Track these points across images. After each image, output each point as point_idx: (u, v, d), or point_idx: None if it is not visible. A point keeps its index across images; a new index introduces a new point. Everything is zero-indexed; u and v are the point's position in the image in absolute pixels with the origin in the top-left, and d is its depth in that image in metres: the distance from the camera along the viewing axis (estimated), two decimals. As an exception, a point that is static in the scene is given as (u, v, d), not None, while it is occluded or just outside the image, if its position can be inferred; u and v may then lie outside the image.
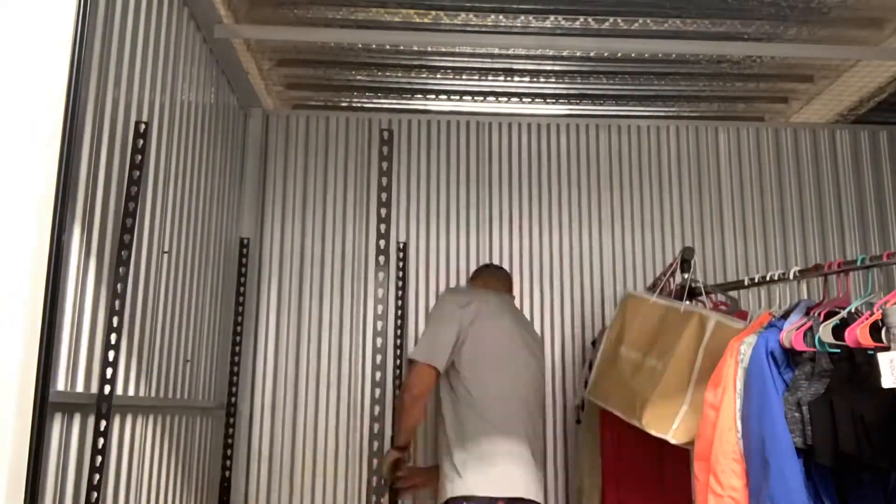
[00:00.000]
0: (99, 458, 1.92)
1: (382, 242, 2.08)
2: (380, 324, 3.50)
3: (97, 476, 1.92)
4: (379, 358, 3.43)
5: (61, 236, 1.51)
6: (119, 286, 2.03)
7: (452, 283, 3.60)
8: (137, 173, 2.11)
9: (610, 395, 2.77)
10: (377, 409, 3.45)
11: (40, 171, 1.48)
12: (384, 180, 2.12)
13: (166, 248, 2.47)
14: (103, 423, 1.94)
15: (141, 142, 2.11)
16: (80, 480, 1.89)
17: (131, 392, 2.22)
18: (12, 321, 1.42)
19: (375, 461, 3.37)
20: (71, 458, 1.84)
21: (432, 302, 3.55)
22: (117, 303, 2.02)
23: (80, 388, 1.88)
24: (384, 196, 2.13)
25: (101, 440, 1.93)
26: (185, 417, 2.74)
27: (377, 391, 3.46)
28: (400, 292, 3.50)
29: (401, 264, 3.48)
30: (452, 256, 3.62)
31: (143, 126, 2.11)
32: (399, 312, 3.48)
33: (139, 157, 2.12)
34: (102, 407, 1.96)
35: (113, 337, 2.00)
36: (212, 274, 3.04)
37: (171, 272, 2.54)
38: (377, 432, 3.43)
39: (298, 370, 3.47)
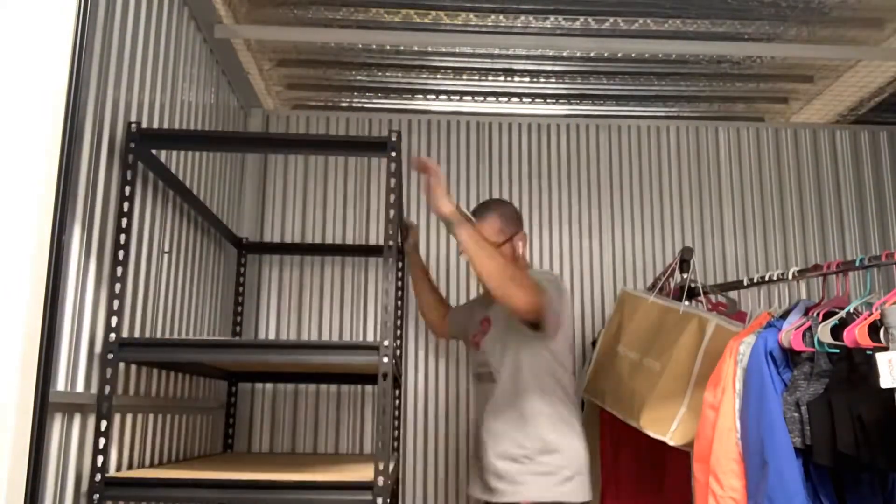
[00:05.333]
0: (101, 459, 1.93)
1: (391, 243, 2.08)
2: (380, 325, 3.50)
3: (98, 476, 1.92)
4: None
5: (61, 236, 1.51)
6: (119, 286, 2.03)
7: (452, 284, 3.60)
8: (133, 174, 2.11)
9: (607, 394, 2.77)
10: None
11: (40, 172, 1.49)
12: (392, 181, 2.12)
13: (167, 249, 2.48)
14: (104, 424, 1.95)
15: (132, 144, 2.10)
16: (80, 480, 1.89)
17: (132, 392, 2.22)
18: (12, 321, 1.43)
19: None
20: (71, 458, 1.85)
21: (432, 302, 3.55)
22: (117, 303, 2.02)
23: (80, 388, 1.88)
24: (392, 197, 2.13)
25: (103, 440, 1.94)
26: (185, 417, 2.74)
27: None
28: (400, 293, 3.50)
29: (400, 265, 3.49)
30: (452, 256, 3.63)
31: (134, 126, 2.10)
32: (400, 322, 3.48)
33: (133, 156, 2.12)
34: (103, 407, 1.96)
35: (112, 337, 2.00)
36: (212, 274, 3.05)
37: (171, 272, 2.54)
38: (380, 433, 3.42)
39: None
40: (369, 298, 3.56)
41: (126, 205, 2.07)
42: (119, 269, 2.04)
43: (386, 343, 1.98)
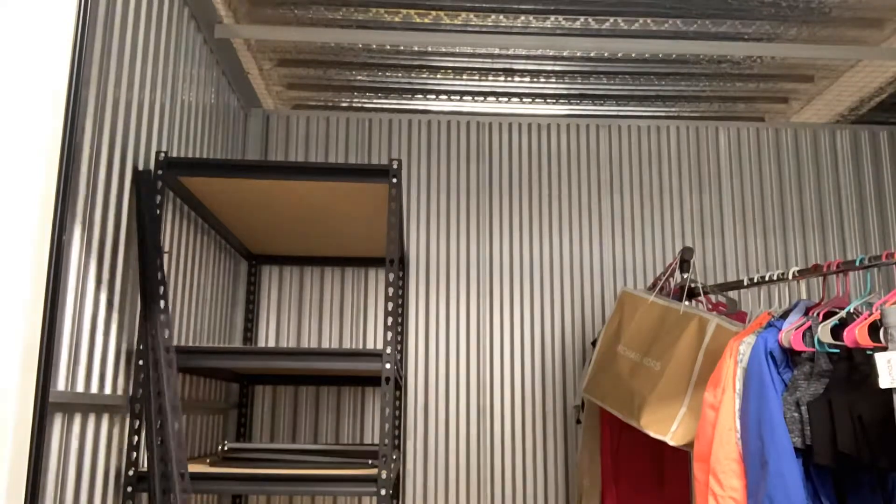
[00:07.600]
0: (134, 454, 2.05)
1: (392, 248, 2.12)
2: (380, 329, 3.50)
3: (132, 470, 2.06)
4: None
5: (61, 237, 1.51)
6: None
7: (452, 285, 3.60)
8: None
9: (607, 394, 2.77)
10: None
11: (41, 172, 1.49)
12: (393, 192, 2.16)
13: (166, 249, 2.48)
14: (137, 423, 2.06)
15: (160, 172, 2.20)
16: (80, 480, 1.89)
17: (132, 392, 2.23)
18: (12, 321, 1.43)
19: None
20: (71, 458, 1.85)
21: (432, 304, 3.56)
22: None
23: (80, 388, 1.88)
24: (393, 205, 2.16)
25: (136, 438, 2.08)
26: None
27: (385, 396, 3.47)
28: (400, 291, 3.50)
29: (400, 266, 3.49)
30: (452, 257, 3.63)
31: (162, 155, 2.26)
32: (400, 320, 3.48)
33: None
34: (135, 408, 1.97)
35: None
36: (213, 273, 3.05)
37: (171, 273, 2.54)
38: (383, 431, 3.44)
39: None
40: (369, 306, 3.57)
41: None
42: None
43: (388, 350, 2.17)
